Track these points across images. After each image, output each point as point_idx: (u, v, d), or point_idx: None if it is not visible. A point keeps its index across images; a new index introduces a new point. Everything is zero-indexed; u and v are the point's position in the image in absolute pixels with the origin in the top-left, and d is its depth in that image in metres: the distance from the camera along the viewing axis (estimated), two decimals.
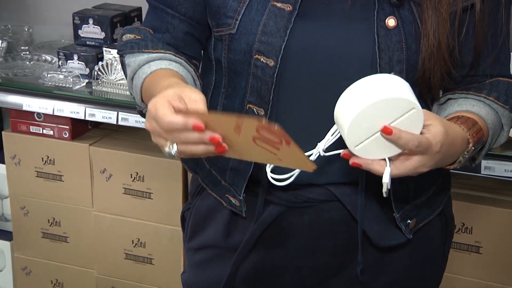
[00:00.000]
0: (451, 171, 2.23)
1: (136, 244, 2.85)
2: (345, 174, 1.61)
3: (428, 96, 1.65)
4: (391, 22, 1.52)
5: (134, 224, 2.84)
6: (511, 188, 2.48)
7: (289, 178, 1.47)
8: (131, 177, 2.81)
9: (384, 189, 1.40)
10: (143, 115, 1.66)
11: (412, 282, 1.75)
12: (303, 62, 1.57)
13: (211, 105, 1.72)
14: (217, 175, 1.70)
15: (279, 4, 1.54)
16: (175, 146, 1.33)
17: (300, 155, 1.39)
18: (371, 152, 1.40)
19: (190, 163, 1.81)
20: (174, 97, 1.35)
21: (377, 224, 1.64)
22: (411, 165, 1.40)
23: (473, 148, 1.51)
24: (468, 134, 1.50)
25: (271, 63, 1.56)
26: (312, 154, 1.44)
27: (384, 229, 1.65)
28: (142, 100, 1.63)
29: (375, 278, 1.70)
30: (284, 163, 1.42)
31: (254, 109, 1.60)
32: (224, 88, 1.69)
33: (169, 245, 2.38)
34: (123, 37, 1.73)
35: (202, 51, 1.79)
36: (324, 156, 1.45)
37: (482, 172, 2.33)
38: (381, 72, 1.51)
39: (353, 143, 1.38)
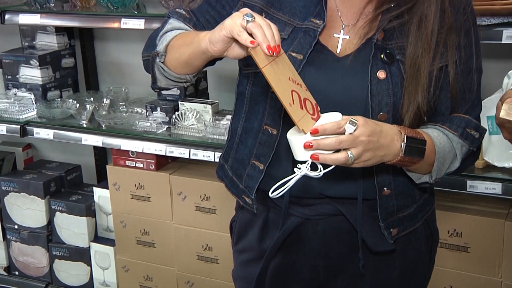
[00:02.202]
0: (441, 189, 2.26)
1: (205, 248, 2.88)
2: (347, 190, 1.59)
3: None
4: (381, 74, 1.51)
5: (203, 233, 2.87)
6: (490, 201, 2.46)
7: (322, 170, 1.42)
8: (201, 197, 2.84)
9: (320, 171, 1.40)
10: (148, 66, 1.66)
11: (404, 281, 1.71)
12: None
13: (233, 128, 1.73)
14: (236, 180, 1.70)
15: (294, 54, 1.53)
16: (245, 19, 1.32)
17: (307, 121, 1.41)
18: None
19: (219, 173, 1.80)
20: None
21: (372, 233, 1.62)
22: (356, 152, 1.38)
23: (406, 137, 1.46)
24: (399, 128, 1.48)
25: None
26: (296, 176, 1.42)
27: (377, 238, 1.63)
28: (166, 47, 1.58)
29: (373, 276, 1.67)
30: (291, 110, 1.37)
31: (269, 129, 1.60)
32: (244, 113, 1.68)
33: (230, 249, 2.41)
34: (177, 9, 1.71)
35: None
36: (308, 175, 1.40)
37: (468, 190, 2.31)
38: (372, 112, 1.51)
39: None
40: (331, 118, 1.43)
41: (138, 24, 2.67)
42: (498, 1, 2.16)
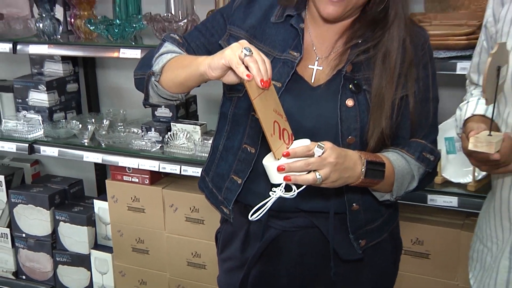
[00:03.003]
0: (404, 202, 2.24)
1: (194, 255, 2.90)
2: (320, 205, 1.60)
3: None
4: (350, 102, 1.53)
5: (193, 242, 2.88)
6: (448, 213, 2.49)
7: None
8: (190, 209, 2.85)
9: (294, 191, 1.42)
10: (141, 84, 1.66)
11: (371, 286, 1.74)
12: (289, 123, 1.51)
13: (215, 144, 1.74)
14: (216, 192, 1.71)
15: (273, 82, 1.47)
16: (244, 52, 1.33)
17: (282, 149, 1.42)
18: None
19: (200, 184, 1.81)
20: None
21: (342, 244, 1.63)
22: (324, 173, 1.39)
23: (366, 161, 1.47)
24: (359, 153, 1.48)
25: None
26: (271, 198, 1.44)
27: (347, 248, 1.63)
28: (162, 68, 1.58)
29: (344, 283, 1.69)
30: (271, 140, 1.38)
31: (248, 148, 1.61)
32: (226, 132, 1.68)
33: (216, 256, 2.42)
34: (171, 35, 1.71)
35: None
36: (282, 197, 1.42)
37: (428, 203, 2.33)
38: (341, 136, 1.52)
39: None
40: (302, 144, 1.44)
41: (135, 53, 2.69)
42: (452, 37, 2.20)
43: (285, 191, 1.43)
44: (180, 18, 2.79)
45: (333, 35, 1.61)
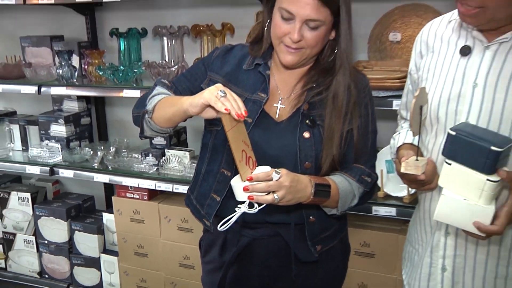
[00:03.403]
0: (354, 213, 2.29)
1: (185, 258, 2.88)
2: (283, 218, 1.60)
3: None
4: (306, 134, 1.54)
5: (184, 247, 2.87)
6: (388, 221, 2.49)
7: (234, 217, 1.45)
8: (181, 220, 2.84)
9: (255, 208, 1.43)
10: (137, 120, 1.65)
11: (326, 283, 1.73)
12: (257, 152, 1.51)
13: (198, 168, 1.72)
14: (199, 208, 1.70)
15: (246, 118, 1.47)
16: (219, 93, 1.36)
17: (247, 173, 1.43)
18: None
19: (186, 201, 1.79)
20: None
21: (302, 249, 1.63)
22: (280, 194, 1.40)
23: (314, 184, 1.48)
24: (309, 178, 1.49)
25: None
26: (236, 213, 1.45)
27: (306, 252, 1.64)
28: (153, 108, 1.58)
29: (303, 281, 1.68)
30: (239, 165, 1.40)
31: (225, 172, 1.60)
32: (207, 159, 1.68)
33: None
34: (162, 80, 1.72)
35: None
36: (246, 212, 1.43)
37: (373, 213, 2.34)
38: (300, 162, 1.53)
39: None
40: (263, 170, 1.45)
41: (136, 93, 2.70)
42: (388, 80, 2.23)
43: (248, 208, 1.44)
44: (172, 64, 2.81)
45: (293, 80, 1.61)
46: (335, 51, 1.56)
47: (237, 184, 1.44)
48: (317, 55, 1.58)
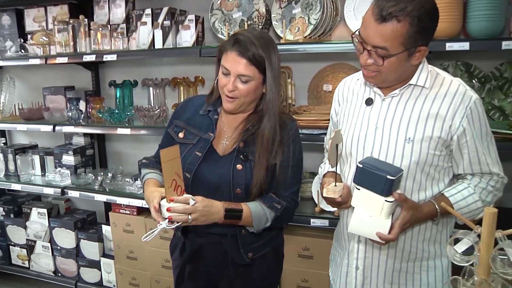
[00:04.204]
0: (297, 224, 2.28)
1: (166, 261, 2.78)
2: (222, 230, 1.57)
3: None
4: (239, 167, 1.52)
5: (165, 252, 2.76)
6: (323, 230, 2.42)
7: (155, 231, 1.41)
8: (163, 231, 2.65)
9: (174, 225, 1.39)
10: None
11: (260, 281, 1.68)
12: (202, 180, 1.54)
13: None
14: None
15: (197, 152, 1.54)
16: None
17: (171, 195, 1.38)
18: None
19: None
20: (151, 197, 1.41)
21: (237, 255, 1.60)
22: (194, 216, 1.39)
23: (225, 209, 1.45)
24: (223, 203, 1.47)
25: (189, 176, 1.54)
26: (158, 228, 1.42)
27: (240, 257, 1.60)
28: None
29: (241, 279, 1.64)
30: (167, 190, 1.37)
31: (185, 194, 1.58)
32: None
33: None
34: (143, 160, 1.75)
35: None
36: (166, 228, 1.40)
37: (311, 224, 2.30)
38: (233, 188, 1.50)
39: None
40: (185, 196, 1.44)
41: (127, 131, 2.63)
42: (322, 121, 2.21)
43: (168, 223, 1.40)
44: (156, 108, 2.74)
45: (236, 123, 1.60)
46: None
47: (163, 204, 1.42)
48: (253, 103, 1.55)
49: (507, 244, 0.99)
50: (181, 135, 1.61)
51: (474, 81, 2.31)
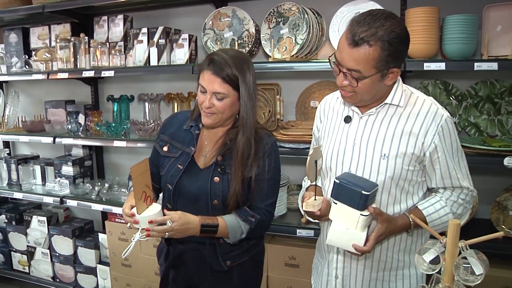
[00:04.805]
0: (283, 234, 2.27)
1: (158, 268, 2.76)
2: (202, 239, 1.57)
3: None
4: (216, 179, 1.52)
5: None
6: (308, 240, 2.42)
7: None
8: (156, 240, 2.64)
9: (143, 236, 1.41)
10: None
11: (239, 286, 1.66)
12: (182, 191, 1.54)
13: (162, 203, 1.65)
14: None
15: (179, 165, 1.55)
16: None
17: (143, 208, 1.41)
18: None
19: None
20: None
21: (215, 262, 1.60)
22: (170, 234, 1.41)
23: (201, 224, 1.46)
24: (200, 219, 1.47)
25: (171, 187, 1.56)
26: (133, 242, 1.44)
27: (218, 264, 1.60)
28: None
29: (220, 284, 1.62)
30: (137, 202, 1.38)
31: (168, 205, 1.59)
32: (162, 195, 1.66)
33: None
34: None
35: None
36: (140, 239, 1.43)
37: (297, 234, 2.30)
38: (210, 199, 1.51)
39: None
40: (154, 206, 1.46)
41: (123, 143, 2.63)
42: (308, 136, 2.21)
43: (142, 234, 1.42)
44: (151, 122, 2.74)
45: (216, 137, 1.61)
46: None
47: (138, 217, 1.44)
48: (231, 118, 1.55)
49: (469, 253, 1.00)
50: (165, 148, 1.62)
51: (451, 98, 2.33)
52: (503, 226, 2.08)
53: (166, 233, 1.41)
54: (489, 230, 2.04)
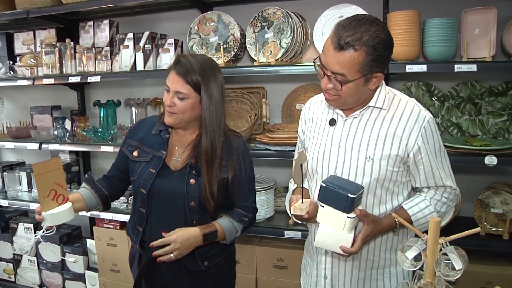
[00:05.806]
0: (272, 236, 2.28)
1: None
2: None
3: (211, 215, 1.58)
4: (192, 181, 1.53)
5: None
6: (297, 242, 2.40)
7: None
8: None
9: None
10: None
11: (215, 286, 1.66)
12: (158, 194, 1.55)
13: (134, 208, 1.66)
14: (132, 236, 1.66)
15: (151, 169, 1.55)
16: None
17: (51, 206, 1.40)
18: None
19: (127, 231, 1.73)
20: None
21: (192, 262, 1.60)
22: (175, 254, 1.49)
23: (203, 234, 1.50)
24: (200, 230, 1.51)
25: (145, 191, 1.56)
26: (35, 238, 1.48)
27: (195, 265, 1.60)
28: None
29: (197, 284, 1.62)
30: (42, 200, 1.37)
31: (141, 209, 1.59)
32: (133, 201, 1.68)
33: None
34: (85, 175, 1.80)
35: (122, 188, 1.74)
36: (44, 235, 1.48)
37: (285, 236, 2.30)
38: (187, 201, 1.51)
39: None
40: (66, 205, 1.45)
41: (110, 149, 2.60)
42: (293, 138, 2.21)
43: (46, 231, 1.44)
44: None
45: (186, 141, 1.62)
46: None
47: (43, 214, 1.44)
48: (194, 121, 1.56)
49: (449, 249, 1.03)
50: (135, 153, 1.63)
51: (434, 99, 2.36)
52: (485, 223, 2.11)
53: (171, 255, 1.47)
54: (472, 227, 1.99)
